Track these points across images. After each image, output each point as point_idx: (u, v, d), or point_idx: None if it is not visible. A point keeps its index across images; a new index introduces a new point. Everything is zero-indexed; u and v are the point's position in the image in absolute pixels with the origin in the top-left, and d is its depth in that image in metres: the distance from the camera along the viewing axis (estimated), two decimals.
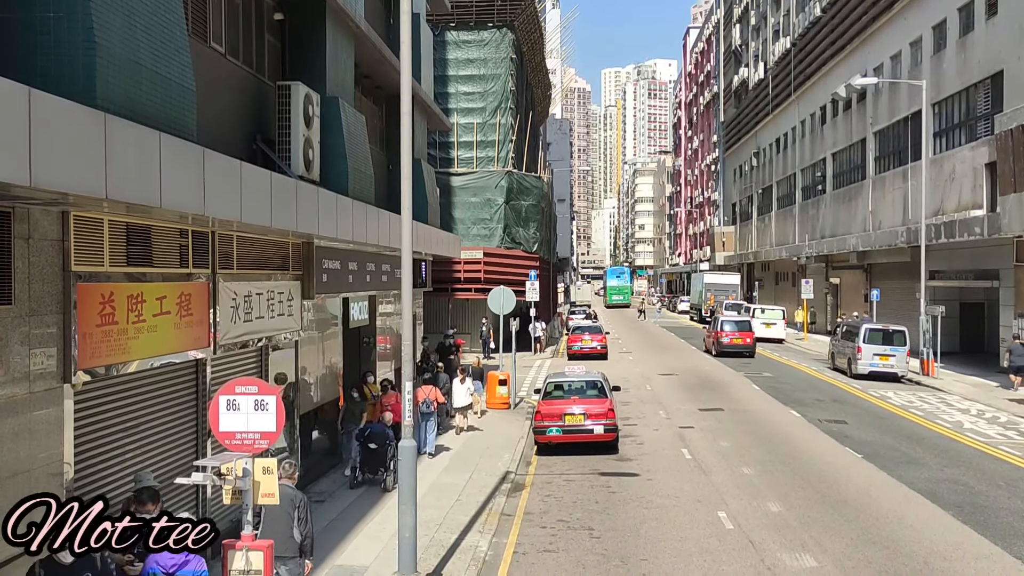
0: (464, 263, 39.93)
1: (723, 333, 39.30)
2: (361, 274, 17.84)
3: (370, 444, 15.30)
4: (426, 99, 22.70)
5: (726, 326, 39.71)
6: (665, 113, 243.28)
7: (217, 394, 6.67)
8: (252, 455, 6.38)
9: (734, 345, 38.56)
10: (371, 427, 15.64)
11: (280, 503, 7.71)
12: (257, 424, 6.44)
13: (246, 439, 6.49)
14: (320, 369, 16.14)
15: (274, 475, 6.39)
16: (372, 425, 15.75)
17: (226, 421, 6.51)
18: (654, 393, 28.02)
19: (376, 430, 15.39)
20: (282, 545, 8.36)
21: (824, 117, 53.16)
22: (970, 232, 31.67)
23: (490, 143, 40.96)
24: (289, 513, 8.50)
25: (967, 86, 33.96)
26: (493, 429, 21.75)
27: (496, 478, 16.45)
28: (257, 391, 6.48)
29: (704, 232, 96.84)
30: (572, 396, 19.53)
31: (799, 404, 25.36)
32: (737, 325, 39.79)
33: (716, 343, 39.54)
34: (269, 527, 8.22)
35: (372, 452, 15.26)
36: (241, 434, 6.49)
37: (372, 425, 15.75)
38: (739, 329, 39.26)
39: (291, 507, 8.52)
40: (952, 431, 21.26)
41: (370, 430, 15.53)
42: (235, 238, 11.77)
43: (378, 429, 15.40)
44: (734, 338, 38.64)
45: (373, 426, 15.65)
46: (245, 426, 6.47)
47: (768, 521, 13.54)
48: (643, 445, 19.78)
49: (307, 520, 8.69)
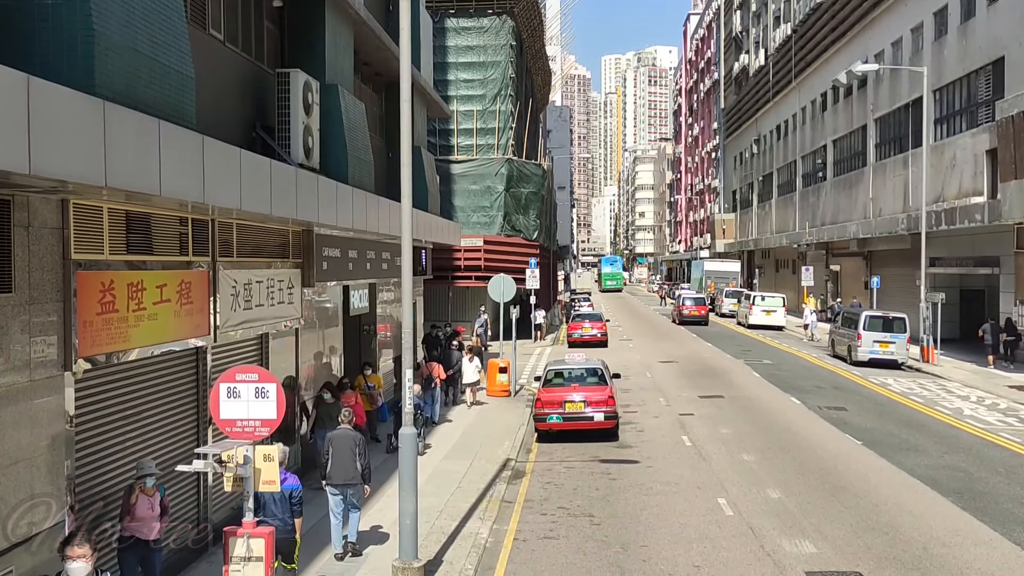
0: (464, 251, 39.90)
1: (684, 307, 50.34)
2: (361, 262, 17.84)
3: None
4: (425, 86, 22.65)
5: (687, 301, 50.97)
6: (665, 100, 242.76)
7: (218, 382, 6.67)
8: (253, 443, 6.39)
9: (692, 316, 49.32)
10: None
11: (344, 442, 11.09)
12: (258, 412, 6.44)
13: (247, 427, 6.49)
14: (320, 357, 16.15)
15: (275, 462, 6.40)
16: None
17: (227, 409, 6.51)
18: (654, 380, 28.06)
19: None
20: (349, 474, 11.15)
21: (825, 104, 53.03)
22: (970, 219, 31.64)
23: (490, 130, 40.87)
24: (352, 450, 11.12)
25: (968, 72, 33.86)
26: (493, 416, 21.78)
27: (496, 465, 16.50)
28: (258, 379, 6.47)
29: (704, 219, 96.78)
30: (572, 383, 19.55)
31: (799, 391, 25.40)
32: (695, 301, 51.03)
33: (679, 315, 50.34)
34: (338, 462, 11.14)
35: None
36: (242, 422, 6.49)
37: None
38: (696, 304, 50.34)
39: (353, 445, 11.14)
40: (952, 418, 21.30)
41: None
42: (235, 226, 11.76)
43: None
44: (692, 311, 49.41)
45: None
46: (246, 414, 6.47)
47: (768, 508, 13.58)
48: (643, 432, 19.82)
49: (365, 455, 11.25)
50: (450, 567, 10.91)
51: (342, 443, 11.12)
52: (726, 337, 43.51)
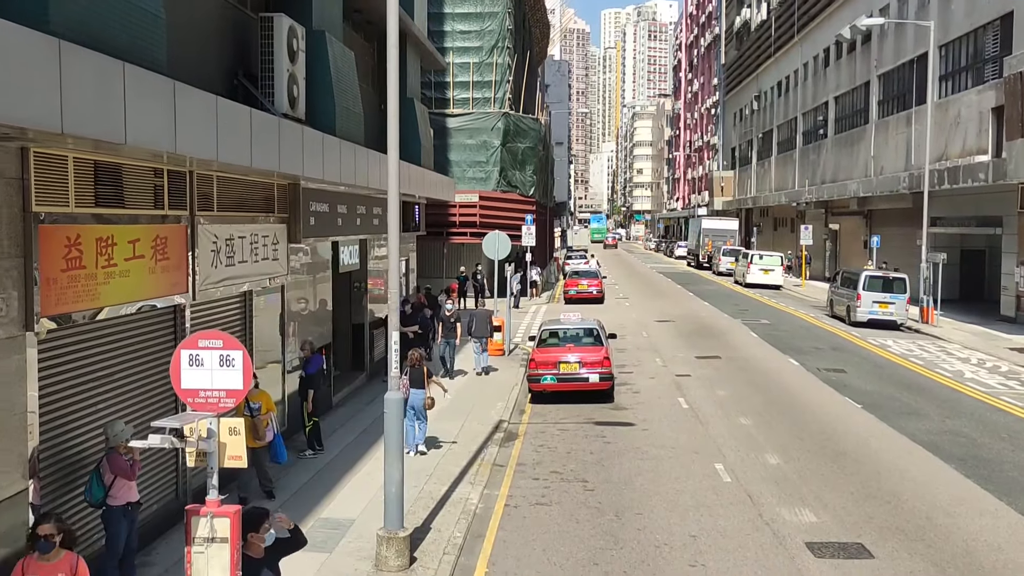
0: (459, 207, 39.29)
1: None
2: (351, 217, 17.29)
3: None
4: (419, 35, 21.89)
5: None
6: (665, 55, 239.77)
7: (179, 348, 6.17)
8: (217, 415, 5.92)
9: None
10: None
11: (484, 316, 20.50)
12: (223, 381, 5.94)
13: (210, 398, 6.00)
14: (308, 314, 15.68)
15: (242, 436, 5.94)
16: None
17: (188, 378, 6.01)
18: (650, 340, 27.68)
19: None
20: (484, 333, 20.39)
21: (827, 60, 52.04)
22: (974, 178, 31.05)
23: (487, 83, 40.01)
24: (488, 318, 20.01)
25: (975, 28, 33.03)
26: (487, 376, 21.39)
27: (489, 427, 16.13)
28: (222, 345, 5.97)
29: (703, 177, 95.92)
30: (567, 344, 19.13)
31: (797, 352, 25.04)
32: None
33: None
34: (479, 327, 20.39)
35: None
36: (205, 392, 6.00)
37: None
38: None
39: (488, 316, 19.80)
40: (953, 381, 20.96)
41: None
42: (216, 179, 11.19)
43: None
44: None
45: None
46: (210, 383, 5.98)
47: (766, 474, 13.24)
48: (639, 394, 19.45)
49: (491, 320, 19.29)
50: (438, 535, 10.55)
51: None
52: (723, 296, 43.12)
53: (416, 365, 14.51)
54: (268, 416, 11.21)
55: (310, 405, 13.47)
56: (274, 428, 11.28)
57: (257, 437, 11.01)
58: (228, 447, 5.85)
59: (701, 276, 57.98)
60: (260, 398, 11.34)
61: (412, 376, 14.26)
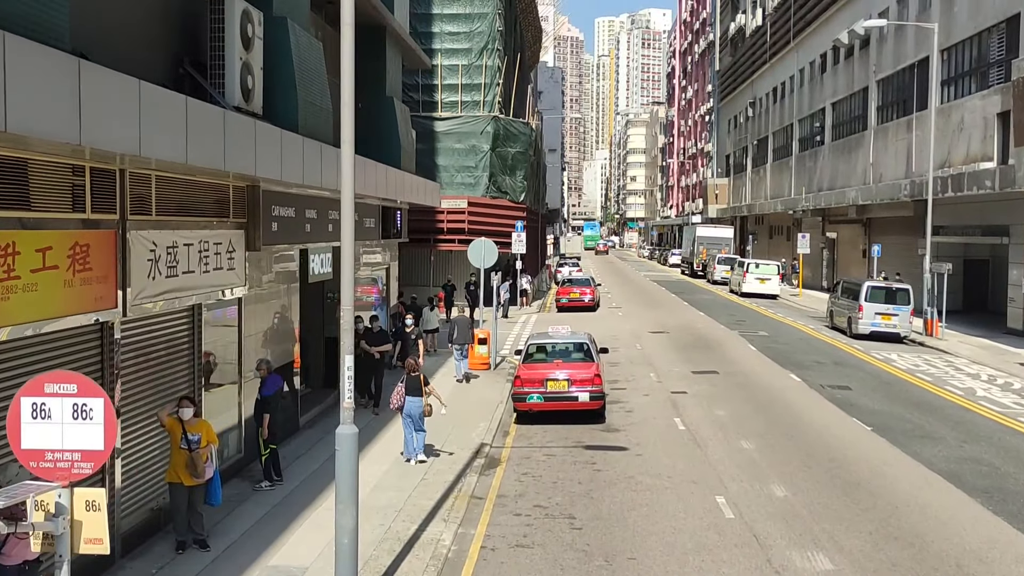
0: (447, 212, 38.03)
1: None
2: (322, 223, 16.00)
3: None
4: (400, 31, 20.63)
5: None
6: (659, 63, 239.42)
7: (18, 395, 4.82)
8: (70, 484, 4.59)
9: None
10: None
11: (464, 322, 20.89)
12: (77, 439, 4.61)
13: (60, 461, 4.66)
14: (272, 329, 14.38)
15: (103, 512, 4.59)
16: None
17: (31, 435, 4.65)
18: (644, 353, 26.41)
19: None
20: (467, 339, 20.34)
21: (824, 65, 50.96)
22: (980, 185, 29.92)
23: (476, 86, 38.79)
24: (469, 325, 20.27)
25: (980, 31, 31.93)
26: (470, 392, 20.09)
27: (469, 452, 14.82)
28: (77, 391, 4.65)
29: (697, 184, 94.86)
30: (555, 359, 17.83)
31: (798, 367, 23.80)
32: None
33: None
34: (460, 334, 20.15)
35: None
36: (53, 454, 4.67)
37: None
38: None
39: (469, 323, 20.51)
40: (964, 399, 19.73)
41: None
42: (155, 178, 9.89)
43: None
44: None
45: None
46: (59, 442, 4.65)
47: (773, 509, 11.96)
48: (632, 413, 18.17)
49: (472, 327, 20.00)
50: None
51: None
52: (719, 306, 41.90)
53: (413, 372, 14.06)
54: (208, 449, 9.82)
55: (265, 431, 12.14)
56: (214, 463, 9.90)
57: (195, 474, 9.64)
58: (85, 527, 4.53)
59: (696, 285, 56.80)
60: (200, 428, 9.85)
61: (408, 384, 13.93)
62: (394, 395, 14.11)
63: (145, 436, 10.14)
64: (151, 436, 10.22)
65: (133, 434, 9.88)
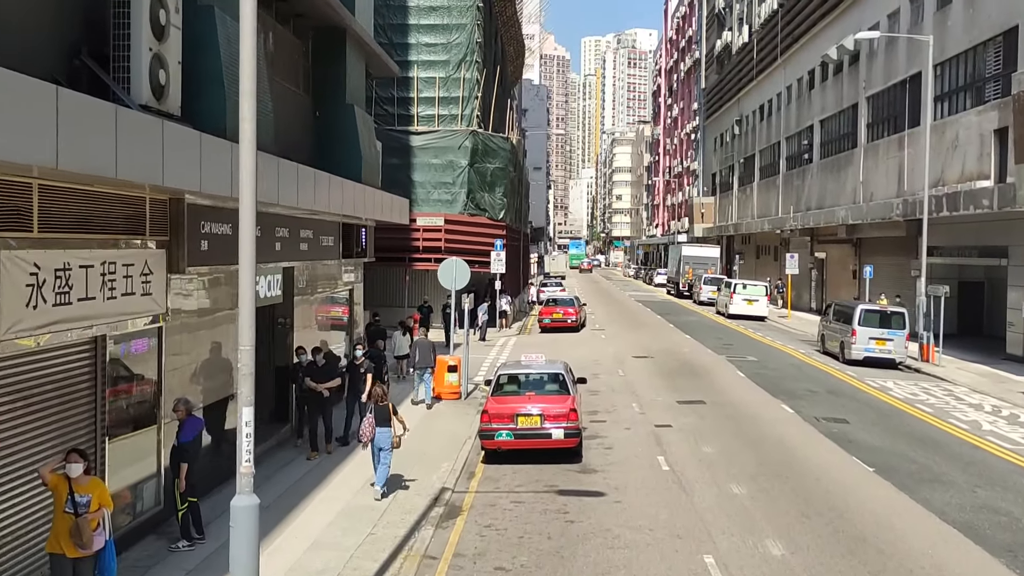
0: (423, 230, 36.57)
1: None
2: (268, 241, 14.43)
3: None
4: (362, 34, 19.10)
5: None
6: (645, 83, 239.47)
7: None
8: None
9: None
10: None
11: (426, 345, 20.06)
12: None
13: None
14: (206, 360, 12.76)
15: None
16: None
17: None
18: (627, 380, 24.87)
19: None
20: (428, 362, 19.81)
21: (812, 82, 49.89)
22: (977, 205, 28.65)
23: (454, 100, 37.38)
24: (431, 346, 19.66)
25: (975, 44, 30.78)
26: (436, 425, 18.51)
27: (427, 498, 13.22)
28: None
29: (683, 203, 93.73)
30: (528, 392, 16.27)
31: (790, 396, 22.32)
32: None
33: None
34: (422, 357, 19.79)
35: None
36: None
37: None
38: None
39: (431, 346, 19.54)
40: (970, 434, 18.28)
41: None
42: (36, 188, 8.31)
43: None
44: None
45: None
46: None
47: (770, 571, 10.40)
48: (611, 451, 16.60)
49: (434, 350, 19.67)
50: None
51: None
52: (705, 328, 40.48)
53: (381, 402, 13.40)
54: (100, 514, 8.10)
55: (183, 483, 10.49)
56: (107, 531, 8.22)
57: (81, 544, 7.93)
58: None
59: (682, 306, 55.43)
60: (91, 489, 8.03)
61: (378, 414, 13.29)
62: (365, 427, 13.36)
63: (22, 496, 8.51)
64: (30, 497, 8.59)
65: (5, 494, 8.25)
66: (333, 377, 15.78)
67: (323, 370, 15.61)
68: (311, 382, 15.40)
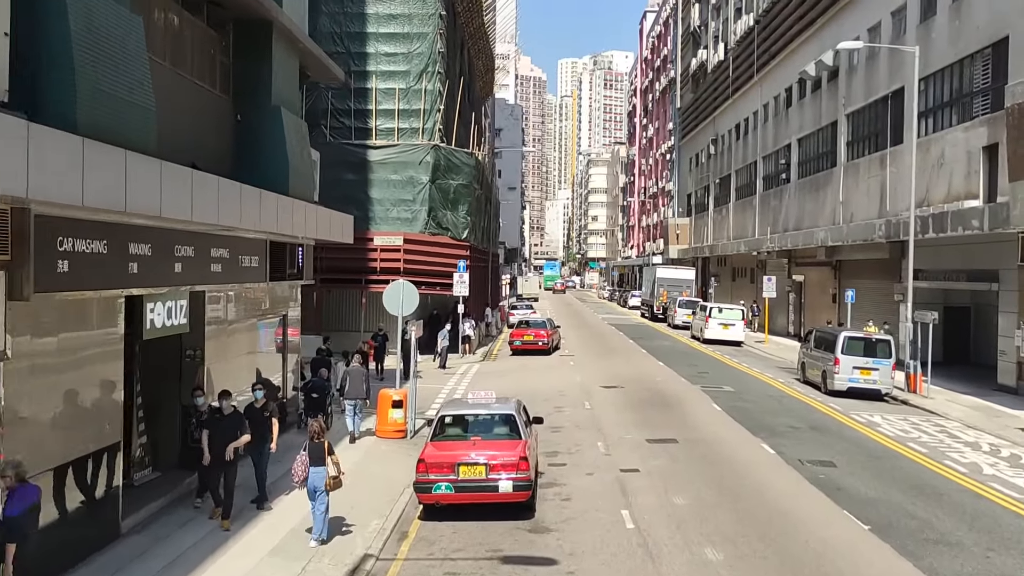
0: (380, 250, 34.42)
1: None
2: (164, 261, 12.25)
3: None
4: (294, 31, 16.98)
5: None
6: (621, 104, 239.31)
7: None
8: None
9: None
10: None
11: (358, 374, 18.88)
12: None
13: None
14: (72, 405, 10.54)
15: None
16: None
17: None
18: (593, 414, 22.80)
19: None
20: (360, 393, 18.63)
21: (789, 99, 48.41)
22: (966, 226, 26.99)
23: (415, 112, 35.37)
24: (364, 375, 18.85)
25: (961, 57, 29.23)
26: (373, 470, 16.32)
27: (343, 570, 11.03)
28: None
29: (658, 224, 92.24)
30: (473, 436, 14.16)
31: (771, 434, 20.33)
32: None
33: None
34: (352, 387, 18.57)
35: None
36: None
37: None
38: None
39: (364, 375, 18.80)
40: (972, 480, 16.34)
41: None
42: None
43: None
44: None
45: None
46: None
47: None
48: (570, 502, 14.50)
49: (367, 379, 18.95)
50: None
51: None
52: (679, 354, 38.55)
53: (317, 438, 12.18)
54: None
55: (9, 568, 8.25)
56: None
57: None
58: None
59: (656, 329, 53.54)
60: None
61: (312, 451, 12.13)
62: (297, 465, 11.93)
63: None
64: None
65: None
66: (239, 432, 12.75)
67: (227, 423, 12.79)
68: (204, 439, 12.57)
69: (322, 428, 12.47)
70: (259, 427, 13.27)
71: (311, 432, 12.39)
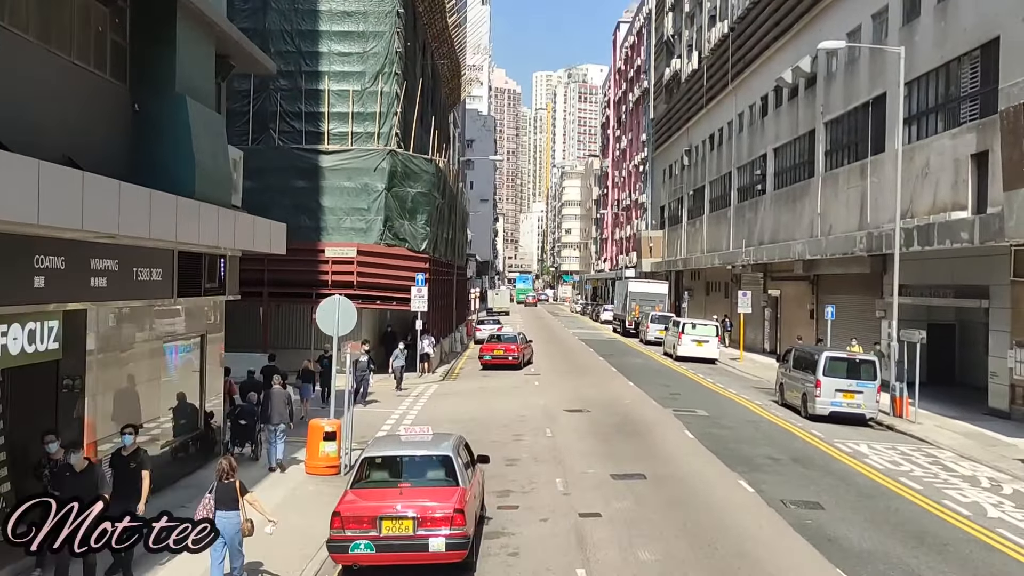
0: (332, 263, 32.16)
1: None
2: (20, 276, 10.01)
3: None
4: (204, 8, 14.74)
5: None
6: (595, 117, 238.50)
7: None
8: None
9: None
10: None
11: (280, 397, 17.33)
12: None
13: None
14: None
15: None
16: None
17: None
18: (555, 443, 20.67)
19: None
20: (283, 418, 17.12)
21: (765, 108, 46.79)
22: (954, 238, 25.26)
23: (370, 115, 33.22)
24: (286, 400, 17.29)
25: (947, 61, 27.56)
26: (294, 516, 14.06)
27: None
28: None
29: (631, 237, 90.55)
30: (401, 482, 11.98)
31: (749, 467, 18.32)
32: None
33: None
34: (276, 408, 17.09)
35: None
36: None
37: None
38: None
39: (287, 398, 17.35)
40: (977, 526, 14.39)
41: None
42: None
43: None
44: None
45: None
46: None
47: None
48: (517, 557, 12.36)
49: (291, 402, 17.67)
50: None
51: None
52: (651, 372, 36.60)
53: (227, 478, 10.40)
54: None
55: None
56: None
57: None
58: None
59: (627, 345, 51.60)
60: None
61: (220, 493, 10.35)
62: (200, 509, 9.95)
63: None
64: None
65: None
66: (97, 492, 9.79)
67: (82, 478, 10.17)
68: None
69: (232, 466, 10.49)
70: (125, 483, 10.91)
71: (219, 471, 10.49)
